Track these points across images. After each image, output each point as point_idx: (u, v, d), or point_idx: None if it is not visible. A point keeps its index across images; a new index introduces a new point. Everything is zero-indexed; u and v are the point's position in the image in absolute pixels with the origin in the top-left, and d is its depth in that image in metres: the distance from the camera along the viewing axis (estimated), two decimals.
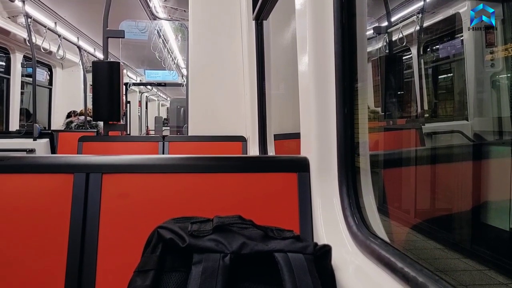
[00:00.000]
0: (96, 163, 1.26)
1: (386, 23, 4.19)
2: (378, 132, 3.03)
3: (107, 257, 1.16)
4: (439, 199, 2.54)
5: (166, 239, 0.87)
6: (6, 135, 5.54)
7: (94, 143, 3.35)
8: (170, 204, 1.24)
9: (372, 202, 1.16)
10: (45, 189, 1.22)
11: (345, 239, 1.09)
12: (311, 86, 1.23)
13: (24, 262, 1.16)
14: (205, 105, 3.30)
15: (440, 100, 4.45)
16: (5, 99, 6.75)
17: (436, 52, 4.53)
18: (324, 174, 1.20)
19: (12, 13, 6.02)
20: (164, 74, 11.43)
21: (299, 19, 1.33)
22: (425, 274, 0.75)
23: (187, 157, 1.34)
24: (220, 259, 0.83)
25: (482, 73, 3.28)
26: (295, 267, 0.84)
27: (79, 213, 1.18)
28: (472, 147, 3.09)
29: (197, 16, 3.32)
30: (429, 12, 4.10)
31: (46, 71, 8.40)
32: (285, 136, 3.04)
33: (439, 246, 2.34)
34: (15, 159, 1.28)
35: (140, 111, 15.27)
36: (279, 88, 3.12)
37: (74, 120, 7.08)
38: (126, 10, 6.77)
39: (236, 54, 3.20)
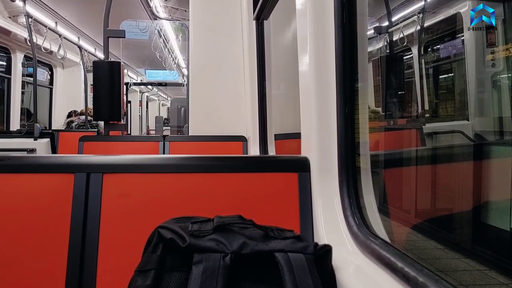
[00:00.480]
0: (96, 163, 1.26)
1: (386, 23, 4.18)
2: (378, 132, 3.02)
3: (107, 256, 1.17)
4: (440, 199, 2.54)
5: (166, 239, 0.87)
6: (7, 135, 5.55)
7: (94, 143, 3.36)
8: (171, 204, 1.24)
9: (373, 202, 1.16)
10: (46, 189, 1.22)
11: (346, 239, 1.09)
12: (312, 86, 1.23)
13: (24, 262, 1.16)
14: (205, 105, 3.30)
15: (440, 100, 4.44)
16: (6, 99, 6.76)
17: (437, 52, 4.52)
18: (325, 174, 1.21)
19: (13, 13, 6.02)
20: (164, 74, 11.44)
21: (300, 18, 1.33)
22: (425, 274, 0.75)
23: (187, 157, 1.34)
24: (221, 259, 0.84)
25: (483, 73, 3.27)
26: (295, 267, 0.84)
27: (79, 213, 1.18)
28: (472, 147, 3.09)
29: (198, 16, 3.33)
30: (430, 12, 4.10)
31: (47, 70, 8.41)
32: (286, 136, 3.03)
33: (440, 246, 2.34)
34: (16, 159, 1.28)
35: (141, 111, 15.28)
36: (279, 88, 3.12)
37: (74, 120, 7.08)
38: (127, 10, 6.77)
39: (237, 54, 3.20)
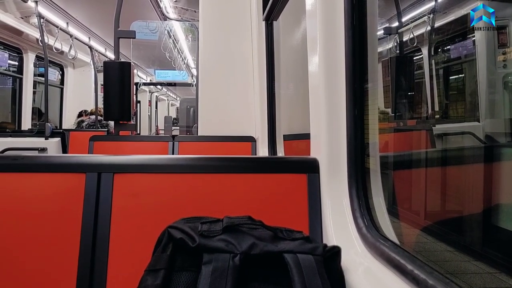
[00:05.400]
0: (108, 163, 1.28)
1: (396, 24, 4.16)
2: (388, 133, 3.00)
3: (118, 255, 1.18)
4: (449, 201, 2.52)
5: (176, 239, 0.88)
6: (19, 134, 5.61)
7: (105, 142, 3.38)
8: (180, 204, 1.25)
9: (382, 203, 1.15)
10: (58, 188, 1.24)
11: (355, 241, 1.08)
12: (321, 86, 1.23)
13: (36, 259, 1.18)
14: (214, 105, 3.31)
15: (451, 101, 4.40)
16: (18, 98, 6.85)
17: (447, 52, 4.48)
18: (334, 175, 1.20)
19: (25, 14, 6.10)
20: (174, 74, 11.48)
21: (310, 19, 1.33)
22: (435, 277, 0.75)
23: (197, 158, 1.35)
24: (230, 259, 0.84)
25: (494, 74, 3.24)
26: (304, 268, 0.84)
27: (91, 211, 1.20)
28: (483, 149, 3.05)
29: (208, 16, 3.34)
30: (441, 12, 4.06)
31: (58, 70, 8.50)
32: (294, 137, 3.03)
33: (450, 249, 2.32)
34: (29, 158, 1.30)
35: (150, 110, 15.36)
36: (288, 88, 3.12)
37: (85, 120, 7.14)
38: (137, 10, 6.82)
39: (246, 55, 3.21)
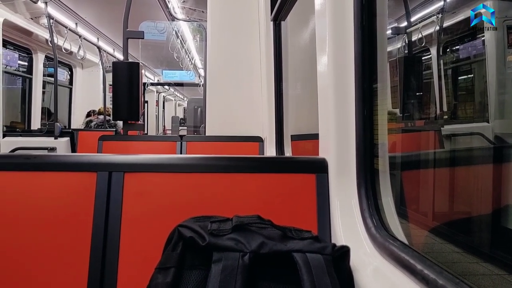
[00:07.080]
0: (118, 162, 1.29)
1: (405, 23, 4.14)
2: (396, 134, 2.99)
3: (128, 253, 1.19)
4: (458, 202, 2.50)
5: (186, 238, 0.89)
6: (28, 134, 5.67)
7: (113, 142, 3.41)
8: (189, 203, 1.26)
9: (391, 204, 1.15)
10: (70, 187, 1.25)
11: (364, 241, 1.08)
12: (330, 86, 1.23)
13: (48, 257, 1.19)
14: (222, 105, 3.32)
15: (460, 102, 4.37)
16: (27, 98, 6.91)
17: (456, 52, 4.45)
18: (343, 175, 1.20)
19: (34, 14, 6.16)
20: (181, 74, 11.52)
21: (319, 19, 1.33)
22: (445, 277, 0.75)
23: (206, 157, 1.36)
24: (240, 258, 0.85)
25: (504, 74, 3.21)
26: (313, 268, 0.85)
27: (102, 210, 1.21)
28: (493, 149, 3.03)
29: (215, 17, 3.35)
30: (449, 12, 4.04)
31: (67, 71, 8.57)
32: (302, 137, 3.03)
33: (458, 250, 2.30)
34: (42, 157, 1.31)
35: (157, 110, 15.43)
36: (296, 88, 3.12)
37: (93, 119, 7.20)
38: (145, 11, 6.85)
39: (254, 55, 3.21)
